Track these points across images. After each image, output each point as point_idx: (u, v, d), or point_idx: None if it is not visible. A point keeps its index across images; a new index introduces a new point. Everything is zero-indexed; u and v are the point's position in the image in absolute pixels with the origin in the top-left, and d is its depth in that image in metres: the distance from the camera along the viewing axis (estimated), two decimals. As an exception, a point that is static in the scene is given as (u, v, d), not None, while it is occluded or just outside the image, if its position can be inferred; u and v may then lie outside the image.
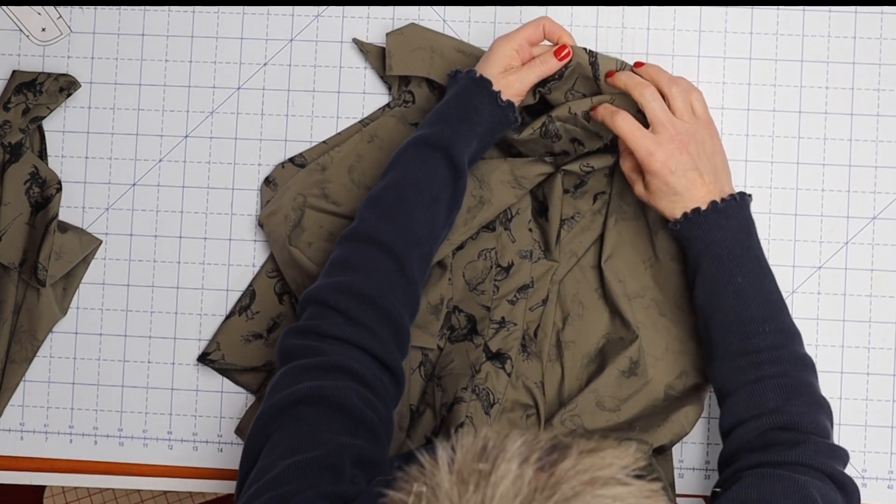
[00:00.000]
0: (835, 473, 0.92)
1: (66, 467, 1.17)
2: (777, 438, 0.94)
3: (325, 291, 0.95)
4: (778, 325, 0.98)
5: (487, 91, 1.02)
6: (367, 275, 0.95)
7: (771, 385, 0.96)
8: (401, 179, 0.99)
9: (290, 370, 0.91)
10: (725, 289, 0.99)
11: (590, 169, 1.09)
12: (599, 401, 1.08)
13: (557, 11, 1.15)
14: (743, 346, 0.98)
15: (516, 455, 0.62)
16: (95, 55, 1.18)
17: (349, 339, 0.92)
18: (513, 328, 1.10)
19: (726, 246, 0.99)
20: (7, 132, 1.15)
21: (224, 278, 1.17)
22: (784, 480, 0.88)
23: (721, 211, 0.99)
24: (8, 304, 1.15)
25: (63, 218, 1.17)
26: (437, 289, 1.10)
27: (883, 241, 1.13)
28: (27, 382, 1.17)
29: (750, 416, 0.96)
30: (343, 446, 0.84)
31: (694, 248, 1.01)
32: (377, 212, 0.98)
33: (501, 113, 1.02)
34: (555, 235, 1.11)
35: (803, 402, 0.95)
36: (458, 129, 1.00)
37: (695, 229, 1.00)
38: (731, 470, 0.94)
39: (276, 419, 0.87)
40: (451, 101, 1.03)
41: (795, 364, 0.98)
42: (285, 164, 1.15)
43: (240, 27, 1.18)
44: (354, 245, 0.97)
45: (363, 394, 0.89)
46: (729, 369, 0.98)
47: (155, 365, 1.17)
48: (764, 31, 1.15)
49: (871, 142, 1.13)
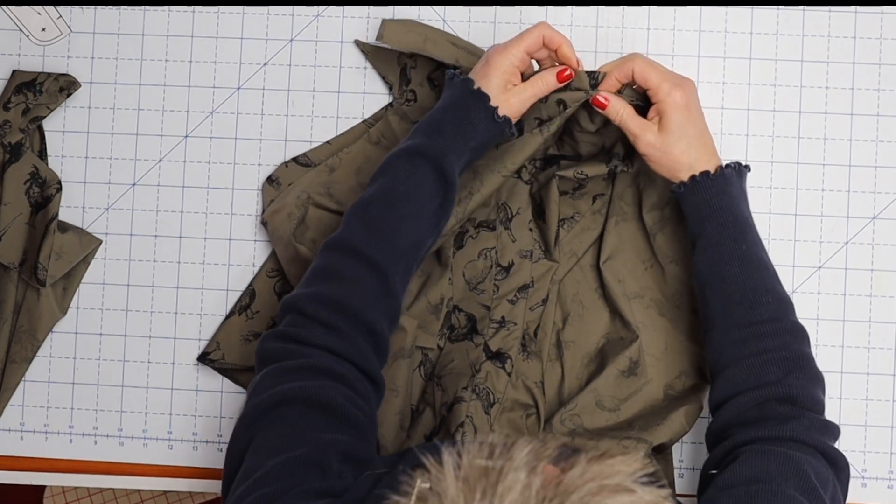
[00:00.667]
0: (827, 450, 0.92)
1: (66, 467, 1.17)
2: (773, 411, 0.94)
3: (306, 301, 0.94)
4: (778, 294, 0.98)
5: (484, 106, 0.99)
6: (350, 287, 0.94)
7: (772, 358, 0.95)
8: (390, 189, 0.98)
9: (271, 372, 0.91)
10: (730, 257, 0.98)
11: (584, 176, 1.09)
12: (599, 400, 1.08)
13: (557, 11, 1.15)
14: (746, 317, 0.97)
15: (524, 463, 0.62)
16: (95, 55, 1.18)
17: (329, 347, 0.92)
18: (513, 328, 1.10)
19: (732, 213, 0.99)
20: (7, 132, 1.15)
21: (224, 278, 1.17)
22: (779, 458, 0.88)
23: (727, 177, 1.00)
24: (8, 304, 1.15)
25: (63, 218, 1.17)
26: (438, 288, 1.10)
27: (883, 241, 1.13)
28: (27, 382, 1.17)
29: (748, 388, 0.95)
30: (329, 442, 0.85)
31: (699, 213, 1.00)
32: (363, 222, 0.97)
33: (497, 128, 1.01)
34: (553, 237, 1.11)
35: (802, 376, 0.95)
36: (452, 142, 0.99)
37: (702, 192, 0.99)
38: (723, 447, 0.94)
39: (259, 420, 0.87)
40: (448, 111, 1.01)
41: (795, 335, 0.97)
42: (288, 164, 1.15)
43: (240, 27, 1.18)
44: (339, 255, 0.96)
45: (346, 392, 0.89)
46: (729, 341, 0.98)
47: (155, 365, 1.17)
48: (764, 31, 1.15)
49: (871, 142, 1.13)
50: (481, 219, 1.11)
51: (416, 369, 1.10)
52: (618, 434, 1.05)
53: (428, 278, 1.11)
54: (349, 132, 1.16)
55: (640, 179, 1.11)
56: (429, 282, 1.10)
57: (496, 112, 1.00)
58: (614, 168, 1.09)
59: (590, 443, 0.65)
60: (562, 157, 1.11)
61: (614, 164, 1.09)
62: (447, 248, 1.10)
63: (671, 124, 1.00)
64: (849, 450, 1.11)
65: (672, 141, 1.00)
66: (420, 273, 1.11)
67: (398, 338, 1.07)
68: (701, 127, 1.01)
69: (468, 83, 1.01)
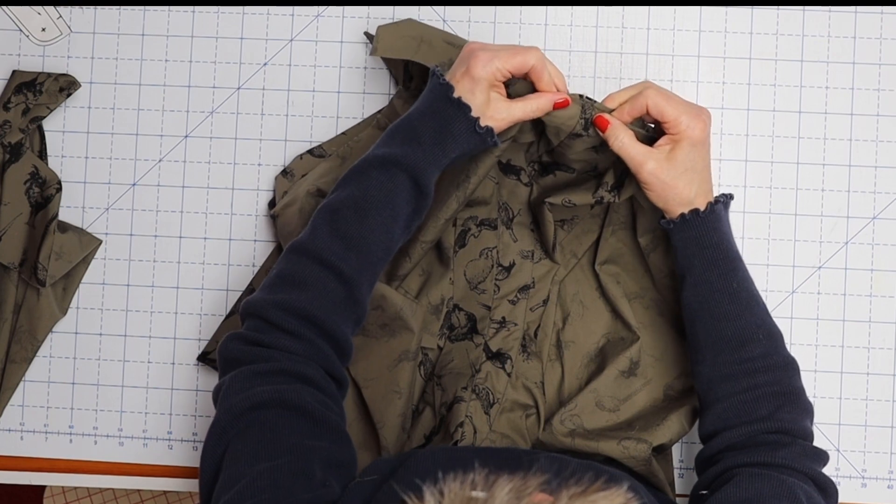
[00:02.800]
0: (817, 477, 0.93)
1: (66, 467, 1.17)
2: (765, 440, 0.95)
3: (268, 308, 0.92)
4: (768, 329, 0.98)
5: (465, 117, 0.95)
6: (314, 295, 0.93)
7: (764, 393, 0.96)
8: (361, 197, 0.95)
9: (239, 375, 0.90)
10: (721, 294, 0.97)
11: (571, 205, 1.07)
12: (599, 401, 1.08)
13: (557, 11, 1.15)
14: (737, 354, 0.97)
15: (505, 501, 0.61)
16: (95, 55, 1.18)
17: (293, 351, 0.91)
18: (513, 328, 1.10)
19: (722, 250, 0.98)
20: (7, 132, 1.15)
21: (224, 278, 1.17)
22: (772, 481, 0.89)
23: (717, 213, 0.98)
24: (8, 304, 1.15)
25: (63, 218, 1.17)
26: (438, 288, 1.10)
27: (883, 241, 1.13)
28: (27, 382, 1.17)
29: (739, 423, 0.96)
30: (310, 450, 0.84)
31: (688, 250, 0.98)
32: (331, 228, 0.94)
33: (479, 139, 0.96)
34: (550, 244, 1.10)
35: (793, 409, 0.96)
36: (430, 153, 0.95)
37: (691, 230, 0.98)
38: (715, 469, 0.94)
39: (233, 425, 0.86)
40: (426, 118, 0.96)
41: (786, 370, 0.97)
42: (303, 156, 1.15)
43: (240, 27, 1.18)
44: (305, 262, 0.94)
45: (318, 396, 0.88)
46: (720, 376, 0.97)
47: (155, 365, 1.17)
48: (764, 31, 1.15)
49: (871, 142, 1.13)
50: (483, 217, 1.11)
51: (416, 369, 1.09)
52: (617, 434, 1.05)
53: (428, 278, 1.11)
54: (362, 123, 1.15)
55: (634, 202, 1.10)
56: (429, 281, 1.10)
57: (478, 123, 0.95)
58: (600, 199, 1.06)
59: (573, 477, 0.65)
60: (556, 166, 1.10)
61: (601, 194, 1.06)
62: (448, 247, 1.10)
63: (682, 156, 0.96)
64: (849, 450, 1.11)
65: (678, 173, 0.96)
66: (420, 273, 1.11)
67: (404, 339, 1.06)
68: (707, 161, 0.99)
69: (447, 90, 0.96)
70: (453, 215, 1.06)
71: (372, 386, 1.06)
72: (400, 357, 1.06)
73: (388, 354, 1.06)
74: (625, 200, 1.08)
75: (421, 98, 0.98)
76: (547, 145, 1.08)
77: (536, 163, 1.12)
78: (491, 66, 0.95)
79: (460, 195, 1.05)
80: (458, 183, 1.05)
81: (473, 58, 0.96)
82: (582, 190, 1.07)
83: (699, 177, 0.97)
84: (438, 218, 1.06)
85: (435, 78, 0.97)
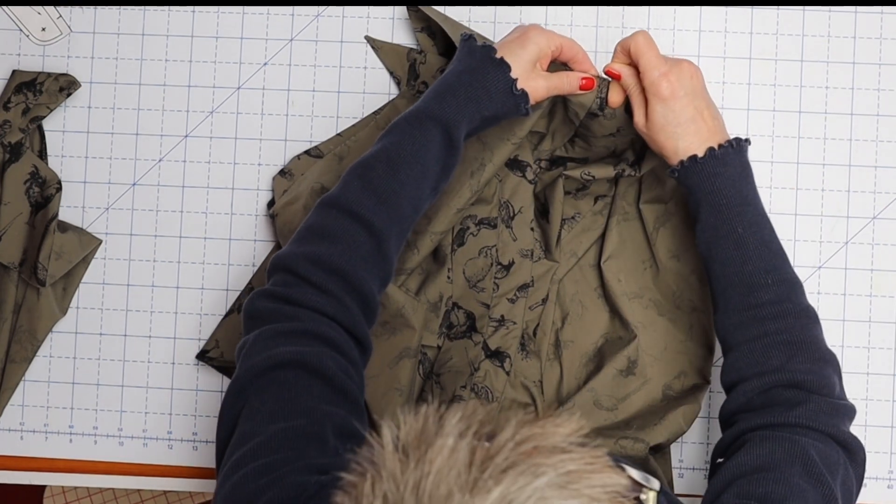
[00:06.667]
0: (836, 433, 0.90)
1: (66, 467, 1.17)
2: (779, 397, 0.92)
3: (297, 261, 0.92)
4: (780, 275, 0.96)
5: (504, 76, 0.97)
6: (343, 248, 0.92)
7: (774, 342, 0.93)
8: (394, 151, 0.96)
9: (263, 334, 0.89)
10: (725, 239, 0.97)
11: (590, 178, 1.09)
12: (597, 400, 1.08)
13: (557, 11, 1.15)
14: (745, 300, 0.95)
15: (454, 429, 0.62)
16: (95, 55, 1.18)
17: (319, 309, 0.91)
18: (512, 327, 1.10)
19: (725, 195, 0.97)
20: (7, 132, 1.15)
21: (224, 278, 1.17)
22: (784, 443, 0.87)
23: (718, 157, 0.97)
24: (8, 304, 1.15)
25: (63, 218, 1.17)
26: (437, 286, 1.10)
27: (883, 241, 1.13)
28: (27, 382, 1.17)
29: (752, 374, 0.93)
30: (326, 415, 0.84)
31: (693, 196, 0.98)
32: (362, 182, 0.95)
33: (513, 101, 0.98)
34: (555, 237, 1.11)
35: (807, 359, 0.93)
36: (464, 108, 0.97)
37: (693, 177, 0.97)
38: (731, 433, 0.93)
39: (253, 383, 0.86)
40: (464, 76, 0.98)
41: (799, 317, 0.95)
42: (301, 156, 1.15)
43: (240, 27, 1.18)
44: (335, 214, 0.94)
45: (340, 361, 0.88)
46: (731, 324, 0.96)
47: (155, 364, 1.17)
48: (764, 31, 1.15)
49: (871, 142, 1.13)
50: (483, 216, 1.11)
51: (416, 368, 1.10)
52: (615, 434, 1.05)
53: (427, 276, 1.11)
54: (359, 123, 1.16)
55: (646, 179, 1.10)
56: (428, 280, 1.10)
57: (515, 84, 0.98)
58: (621, 172, 1.08)
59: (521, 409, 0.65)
60: (569, 160, 1.11)
61: (622, 167, 1.08)
62: (444, 245, 1.10)
63: (654, 114, 0.98)
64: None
65: (656, 129, 0.98)
66: (419, 272, 1.11)
67: (405, 337, 1.07)
68: (690, 113, 0.98)
69: (489, 51, 0.98)
70: (465, 205, 1.07)
71: (372, 383, 1.06)
72: (401, 354, 1.06)
73: (389, 352, 1.07)
74: (635, 181, 1.10)
75: (455, 61, 1.00)
76: (562, 139, 1.09)
77: (544, 160, 1.12)
78: (550, 37, 1.00)
79: (473, 184, 1.05)
80: (471, 171, 1.05)
81: (531, 27, 1.01)
82: (602, 163, 1.09)
83: (683, 129, 0.98)
84: (450, 207, 1.06)
85: (472, 41, 1.00)
